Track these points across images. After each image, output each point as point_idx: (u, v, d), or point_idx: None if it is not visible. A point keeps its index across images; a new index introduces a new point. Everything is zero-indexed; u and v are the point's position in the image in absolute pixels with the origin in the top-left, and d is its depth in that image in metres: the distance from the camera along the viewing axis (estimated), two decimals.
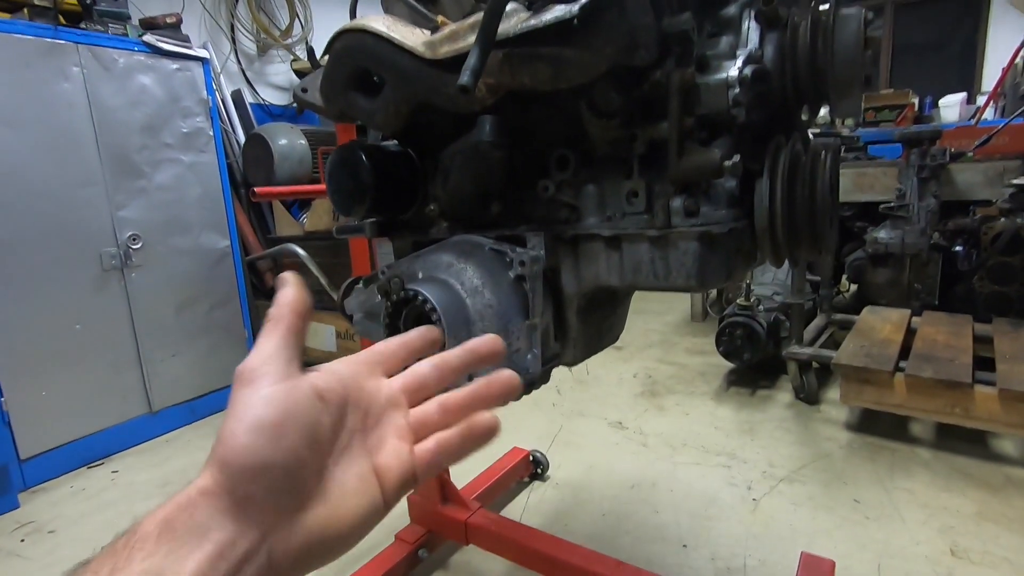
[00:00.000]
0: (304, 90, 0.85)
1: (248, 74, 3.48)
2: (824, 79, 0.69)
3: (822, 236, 0.71)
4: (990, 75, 4.91)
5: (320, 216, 2.92)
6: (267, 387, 0.29)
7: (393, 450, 0.34)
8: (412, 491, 0.31)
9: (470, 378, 0.39)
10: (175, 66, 2.42)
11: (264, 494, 0.28)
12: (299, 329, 0.33)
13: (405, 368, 0.39)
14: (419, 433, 0.36)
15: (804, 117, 0.78)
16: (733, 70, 0.67)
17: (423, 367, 0.38)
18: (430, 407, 0.37)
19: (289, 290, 0.34)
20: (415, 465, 0.34)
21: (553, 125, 0.78)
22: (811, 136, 0.82)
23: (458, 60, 0.66)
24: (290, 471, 0.28)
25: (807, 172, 0.70)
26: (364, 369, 0.36)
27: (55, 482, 2.12)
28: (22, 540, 1.77)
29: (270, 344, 0.32)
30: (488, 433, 0.36)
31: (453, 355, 0.39)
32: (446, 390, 0.38)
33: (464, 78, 0.58)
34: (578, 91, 0.71)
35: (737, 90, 0.66)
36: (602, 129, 0.73)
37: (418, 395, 0.37)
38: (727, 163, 0.64)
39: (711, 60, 0.69)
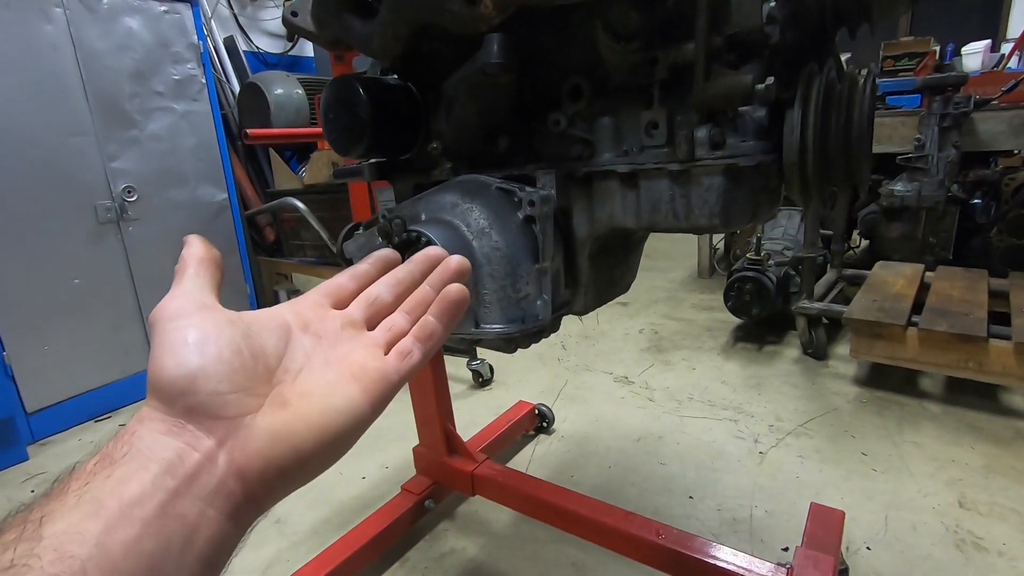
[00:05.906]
0: (294, 14, 0.78)
1: (241, 20, 3.34)
2: None
3: (857, 171, 0.66)
4: (1017, 21, 4.68)
5: (319, 169, 2.84)
6: (184, 318, 0.30)
7: (364, 356, 0.34)
8: (400, 388, 0.33)
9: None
10: (162, 8, 2.30)
11: (203, 399, 0.27)
12: (207, 273, 0.34)
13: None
14: (392, 342, 0.36)
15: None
16: None
17: (374, 289, 0.38)
18: (395, 317, 0.37)
19: (192, 247, 0.36)
20: (396, 363, 0.34)
21: (565, 50, 0.71)
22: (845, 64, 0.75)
23: None
24: (223, 375, 0.28)
25: (843, 101, 0.64)
26: (305, 306, 0.36)
27: (63, 435, 2.14)
28: (32, 491, 1.79)
29: (180, 287, 0.32)
30: (461, 300, 0.37)
31: (402, 269, 0.39)
32: None
33: None
34: (594, 10, 0.65)
35: (772, 4, 0.59)
36: (620, 54, 0.66)
37: (377, 317, 0.37)
38: (759, 87, 0.58)
39: None
